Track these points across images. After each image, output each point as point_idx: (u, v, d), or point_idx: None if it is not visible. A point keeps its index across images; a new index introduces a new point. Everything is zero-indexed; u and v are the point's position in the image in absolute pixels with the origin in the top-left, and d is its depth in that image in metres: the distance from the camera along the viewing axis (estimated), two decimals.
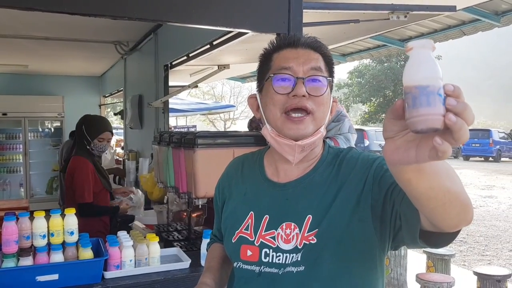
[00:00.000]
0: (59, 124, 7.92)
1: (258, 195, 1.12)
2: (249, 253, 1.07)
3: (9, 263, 1.69)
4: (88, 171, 2.85)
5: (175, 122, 12.96)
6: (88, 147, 2.94)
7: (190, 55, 3.95)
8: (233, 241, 1.10)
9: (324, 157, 1.10)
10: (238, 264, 1.09)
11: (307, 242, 1.00)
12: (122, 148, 6.99)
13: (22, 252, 1.74)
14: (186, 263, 1.96)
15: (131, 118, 5.51)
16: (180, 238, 2.61)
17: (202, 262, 1.94)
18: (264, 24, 2.28)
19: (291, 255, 1.01)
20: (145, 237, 2.00)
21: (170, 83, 4.75)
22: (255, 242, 1.06)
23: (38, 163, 7.69)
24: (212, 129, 24.28)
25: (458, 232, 0.84)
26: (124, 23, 4.00)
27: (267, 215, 1.07)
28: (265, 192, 1.11)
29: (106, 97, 8.45)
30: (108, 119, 3.62)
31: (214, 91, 26.77)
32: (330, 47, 5.25)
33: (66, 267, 1.76)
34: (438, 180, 0.72)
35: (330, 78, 1.07)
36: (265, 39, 1.18)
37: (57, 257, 1.78)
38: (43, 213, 1.82)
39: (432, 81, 0.60)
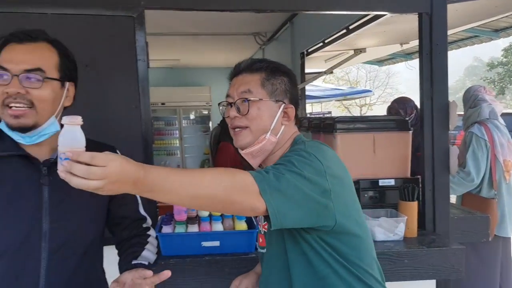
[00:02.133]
0: (206, 112, 8.72)
1: None
2: (260, 240, 1.39)
3: (180, 229, 1.98)
4: (228, 154, 3.12)
5: (310, 108, 13.13)
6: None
7: (326, 41, 4.01)
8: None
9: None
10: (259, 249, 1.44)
11: (265, 230, 1.31)
12: None
13: (189, 220, 2.03)
14: None
15: None
16: None
17: None
18: (404, 4, 2.23)
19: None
20: None
21: (306, 70, 4.87)
22: (261, 231, 1.39)
23: (191, 147, 8.61)
24: (348, 115, 23.89)
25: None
26: (262, 15, 4.22)
27: None
28: None
29: None
30: None
31: (349, 76, 26.20)
32: (480, 22, 4.78)
33: (226, 235, 1.98)
34: (164, 195, 0.96)
35: (257, 98, 1.23)
36: (404, 20, 1.20)
37: (217, 226, 2.02)
38: None
39: (59, 148, 0.92)
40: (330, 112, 11.02)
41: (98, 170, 0.86)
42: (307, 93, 9.50)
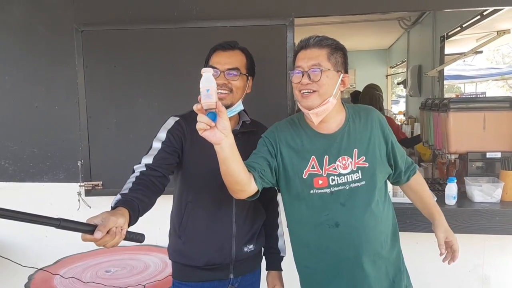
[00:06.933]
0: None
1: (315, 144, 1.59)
2: (320, 182, 1.55)
3: None
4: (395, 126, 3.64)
5: (463, 89, 12.41)
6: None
7: (463, 25, 4.17)
8: (304, 177, 1.56)
9: (349, 114, 1.61)
10: (313, 191, 1.55)
11: (361, 166, 1.55)
12: (404, 115, 7.59)
13: None
14: None
15: (411, 86, 6.03)
16: (438, 188, 3.11)
17: (446, 201, 2.45)
18: None
19: (352, 175, 1.54)
20: None
21: (453, 51, 4.99)
22: (323, 174, 1.55)
23: None
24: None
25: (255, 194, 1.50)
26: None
27: (326, 156, 1.56)
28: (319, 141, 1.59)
29: (392, 67, 9.12)
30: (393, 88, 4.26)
31: None
32: None
33: None
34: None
35: (326, 68, 1.49)
36: None
37: None
38: None
39: (201, 86, 1.21)
40: (484, 93, 10.32)
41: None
42: (458, 73, 9.21)
